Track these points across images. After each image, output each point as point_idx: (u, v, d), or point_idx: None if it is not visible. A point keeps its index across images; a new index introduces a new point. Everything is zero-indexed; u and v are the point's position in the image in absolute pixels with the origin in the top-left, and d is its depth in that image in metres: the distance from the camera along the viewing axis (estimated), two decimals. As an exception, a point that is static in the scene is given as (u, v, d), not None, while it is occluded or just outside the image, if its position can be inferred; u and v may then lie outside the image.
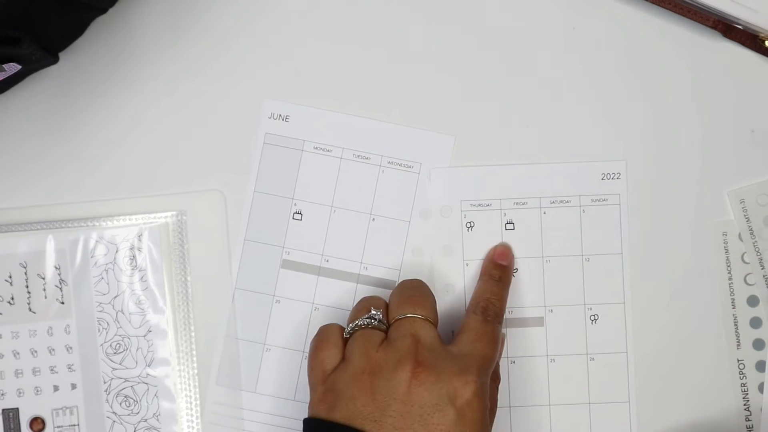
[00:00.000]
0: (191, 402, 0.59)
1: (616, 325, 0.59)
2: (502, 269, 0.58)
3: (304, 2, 0.60)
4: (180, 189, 0.60)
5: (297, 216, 0.60)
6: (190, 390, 0.59)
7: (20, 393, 0.59)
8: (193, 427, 0.59)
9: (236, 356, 0.59)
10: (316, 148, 0.60)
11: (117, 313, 0.59)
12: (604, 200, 0.59)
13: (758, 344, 0.59)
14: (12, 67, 0.54)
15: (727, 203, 0.60)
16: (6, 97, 0.58)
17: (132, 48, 0.60)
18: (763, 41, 0.59)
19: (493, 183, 0.59)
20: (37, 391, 0.59)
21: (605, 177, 0.59)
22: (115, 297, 0.59)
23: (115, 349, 0.59)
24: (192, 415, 0.59)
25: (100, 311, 0.59)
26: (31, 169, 0.60)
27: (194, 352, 0.59)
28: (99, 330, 0.59)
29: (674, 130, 0.60)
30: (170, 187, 0.60)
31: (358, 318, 0.53)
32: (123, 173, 0.60)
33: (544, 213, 0.59)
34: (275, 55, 0.60)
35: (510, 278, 0.59)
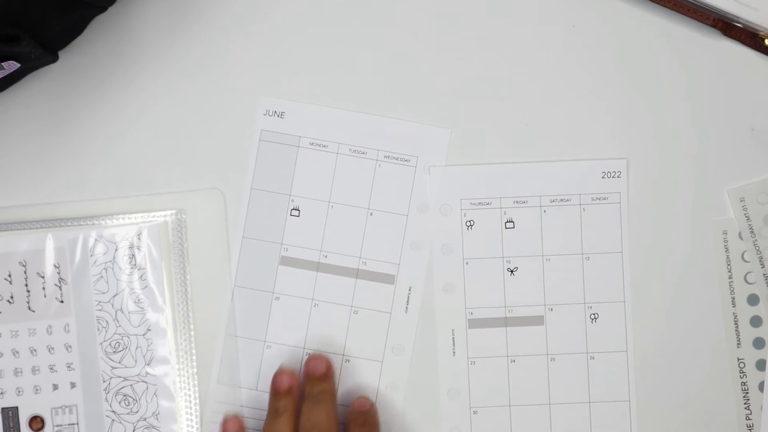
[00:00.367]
0: (191, 401, 0.59)
1: (616, 324, 0.59)
2: (321, 381, 0.58)
3: (300, 2, 0.60)
4: (179, 188, 0.60)
5: (294, 212, 0.60)
6: (190, 389, 0.59)
7: (19, 392, 0.59)
8: (193, 426, 0.59)
9: (236, 354, 0.59)
10: (312, 144, 0.60)
11: (116, 312, 0.59)
12: (605, 199, 0.59)
13: (758, 343, 0.59)
14: (11, 65, 0.54)
15: (727, 202, 0.59)
16: (5, 96, 0.58)
17: (131, 46, 0.60)
18: (763, 39, 0.59)
19: (493, 181, 0.59)
20: (37, 390, 0.59)
21: (606, 175, 0.59)
22: (115, 296, 0.59)
23: (115, 348, 0.59)
24: (191, 414, 0.59)
25: (100, 310, 0.59)
26: (31, 168, 0.60)
27: (193, 351, 0.59)
28: (98, 329, 0.59)
29: (674, 129, 0.60)
30: (169, 186, 0.60)
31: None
32: (122, 172, 0.60)
33: (545, 211, 0.59)
34: (271, 54, 0.60)
35: (333, 389, 0.58)
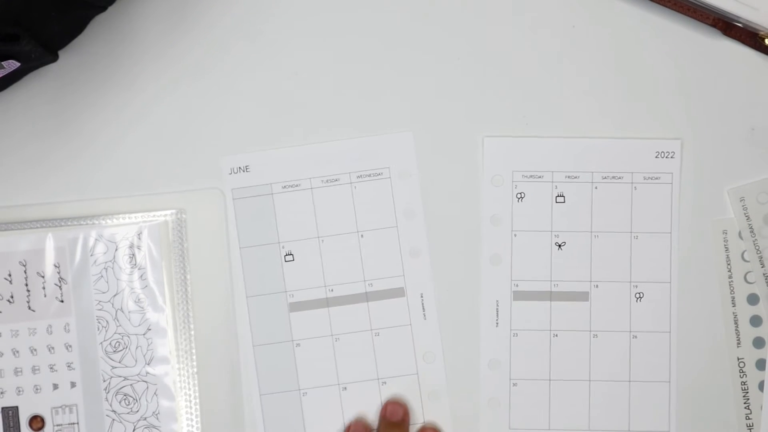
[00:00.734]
0: (191, 400, 0.59)
1: (661, 304, 0.59)
2: (396, 427, 0.58)
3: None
4: (179, 187, 0.60)
5: (288, 257, 0.60)
6: (190, 388, 0.59)
7: (20, 391, 0.59)
8: (193, 426, 0.59)
9: (277, 410, 0.59)
10: (285, 187, 0.60)
11: (116, 312, 0.59)
12: (657, 178, 0.59)
13: (758, 342, 0.59)
14: (11, 65, 0.54)
15: (727, 201, 0.59)
16: (6, 96, 0.58)
17: (132, 46, 0.60)
18: (763, 39, 0.59)
19: (546, 155, 0.59)
20: (37, 390, 0.59)
21: (659, 155, 0.59)
22: (115, 295, 0.59)
23: (115, 348, 0.59)
24: (191, 414, 0.59)
25: (100, 309, 0.59)
26: (31, 168, 0.60)
27: (194, 351, 0.59)
28: (98, 328, 0.59)
29: (674, 129, 0.60)
30: (169, 186, 0.60)
31: None
32: (122, 172, 0.60)
33: (596, 188, 0.59)
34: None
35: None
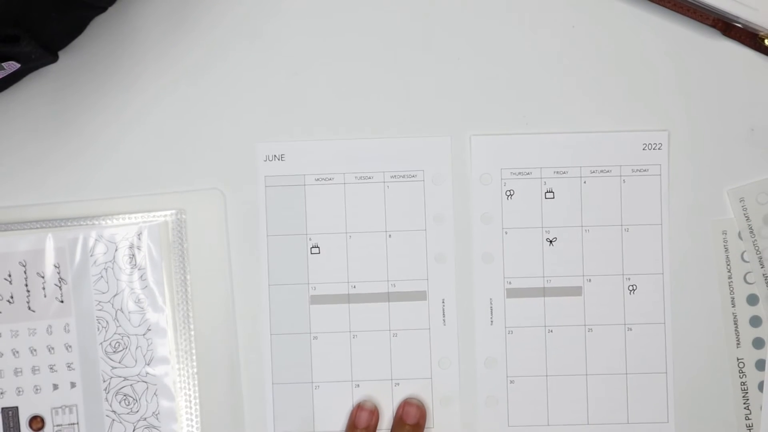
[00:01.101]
0: (190, 400, 0.59)
1: (655, 296, 0.59)
2: (410, 429, 0.58)
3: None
4: (179, 188, 0.60)
5: (315, 250, 0.60)
6: (190, 388, 0.59)
7: (20, 392, 0.59)
8: (193, 426, 0.59)
9: (288, 401, 0.59)
10: (318, 180, 0.60)
11: (116, 312, 0.59)
12: (645, 170, 0.59)
13: (758, 343, 0.59)
14: (11, 66, 0.54)
15: (727, 202, 0.60)
16: (5, 96, 0.58)
17: (131, 46, 0.60)
18: (763, 40, 0.59)
19: (534, 151, 0.59)
20: (37, 390, 0.59)
21: (647, 147, 0.59)
22: (115, 295, 0.59)
23: (115, 348, 0.59)
24: (191, 414, 0.59)
25: (100, 310, 0.59)
26: (31, 168, 0.60)
27: (194, 351, 0.59)
28: (98, 328, 0.59)
29: (673, 129, 0.60)
30: (169, 186, 0.60)
31: None
32: (122, 172, 0.60)
33: (585, 182, 0.59)
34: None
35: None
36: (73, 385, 0.59)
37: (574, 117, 0.59)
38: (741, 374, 0.59)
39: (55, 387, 0.59)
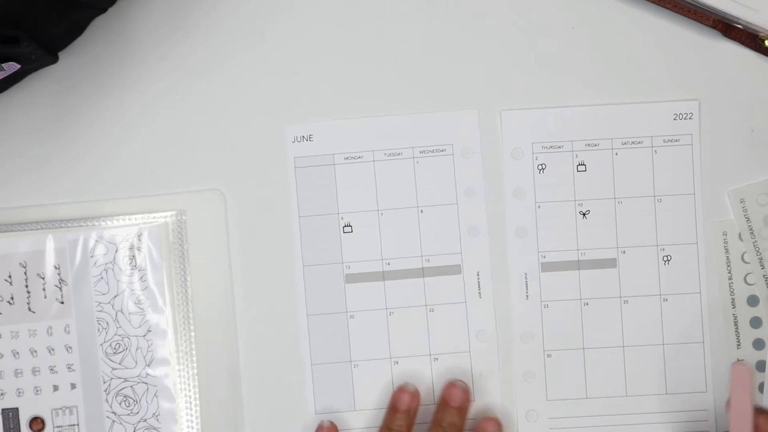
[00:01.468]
0: (191, 402, 0.59)
1: (689, 266, 0.59)
2: (454, 413, 0.57)
3: (307, 10, 0.60)
4: (179, 189, 0.60)
5: (347, 229, 0.60)
6: (190, 390, 0.59)
7: (20, 393, 0.59)
8: (193, 427, 0.59)
9: (327, 381, 0.59)
10: (347, 158, 0.60)
11: (116, 313, 0.59)
12: (677, 140, 0.59)
13: (758, 344, 0.59)
14: (11, 66, 0.54)
15: (728, 203, 0.60)
16: (6, 97, 0.58)
17: (132, 48, 0.60)
18: (763, 41, 0.59)
19: (565, 125, 0.60)
20: (37, 391, 0.59)
21: (677, 117, 0.59)
22: (115, 297, 0.59)
23: (115, 349, 0.59)
24: (191, 415, 0.59)
25: (100, 311, 0.59)
26: (31, 169, 0.60)
27: (194, 352, 0.59)
28: (98, 330, 0.59)
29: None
30: (170, 187, 0.60)
31: None
32: (122, 173, 0.60)
33: (616, 154, 0.59)
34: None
35: (464, 424, 0.58)
36: (74, 387, 0.59)
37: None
38: (741, 375, 0.59)
39: (56, 388, 0.59)
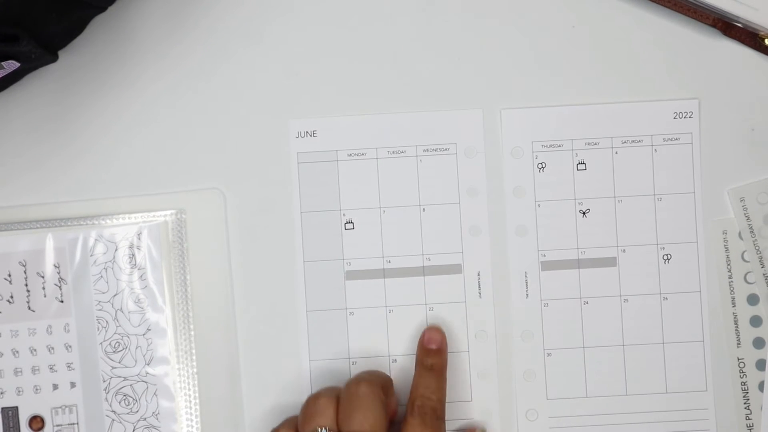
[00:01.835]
0: (191, 401, 0.59)
1: (689, 265, 0.59)
2: (434, 354, 0.57)
3: (309, 8, 0.60)
4: (179, 187, 0.60)
5: (349, 225, 0.60)
6: (190, 389, 0.59)
7: (19, 391, 0.59)
8: (193, 426, 0.59)
9: (326, 378, 0.59)
10: (351, 155, 0.60)
11: (116, 312, 0.59)
12: (677, 139, 0.59)
13: (758, 343, 0.59)
14: (11, 65, 0.54)
15: (727, 202, 0.59)
16: (5, 96, 0.58)
17: (131, 46, 0.60)
18: (763, 39, 0.59)
19: (565, 123, 0.60)
20: (37, 390, 0.59)
21: (677, 116, 0.59)
22: (115, 295, 0.59)
23: (115, 348, 0.59)
24: (191, 414, 0.59)
25: (100, 310, 0.59)
26: (30, 168, 0.60)
27: (193, 351, 0.59)
28: (98, 328, 0.59)
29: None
30: (169, 186, 0.60)
31: None
32: (122, 172, 0.60)
33: (616, 153, 0.59)
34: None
35: (444, 362, 0.57)
36: (73, 385, 0.59)
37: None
38: (741, 374, 0.59)
39: (55, 387, 0.59)
